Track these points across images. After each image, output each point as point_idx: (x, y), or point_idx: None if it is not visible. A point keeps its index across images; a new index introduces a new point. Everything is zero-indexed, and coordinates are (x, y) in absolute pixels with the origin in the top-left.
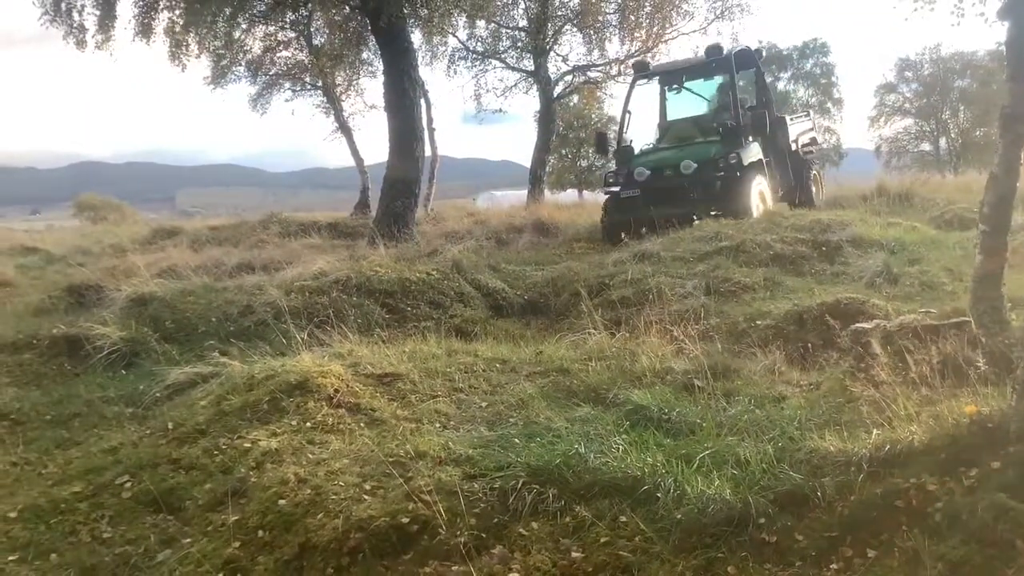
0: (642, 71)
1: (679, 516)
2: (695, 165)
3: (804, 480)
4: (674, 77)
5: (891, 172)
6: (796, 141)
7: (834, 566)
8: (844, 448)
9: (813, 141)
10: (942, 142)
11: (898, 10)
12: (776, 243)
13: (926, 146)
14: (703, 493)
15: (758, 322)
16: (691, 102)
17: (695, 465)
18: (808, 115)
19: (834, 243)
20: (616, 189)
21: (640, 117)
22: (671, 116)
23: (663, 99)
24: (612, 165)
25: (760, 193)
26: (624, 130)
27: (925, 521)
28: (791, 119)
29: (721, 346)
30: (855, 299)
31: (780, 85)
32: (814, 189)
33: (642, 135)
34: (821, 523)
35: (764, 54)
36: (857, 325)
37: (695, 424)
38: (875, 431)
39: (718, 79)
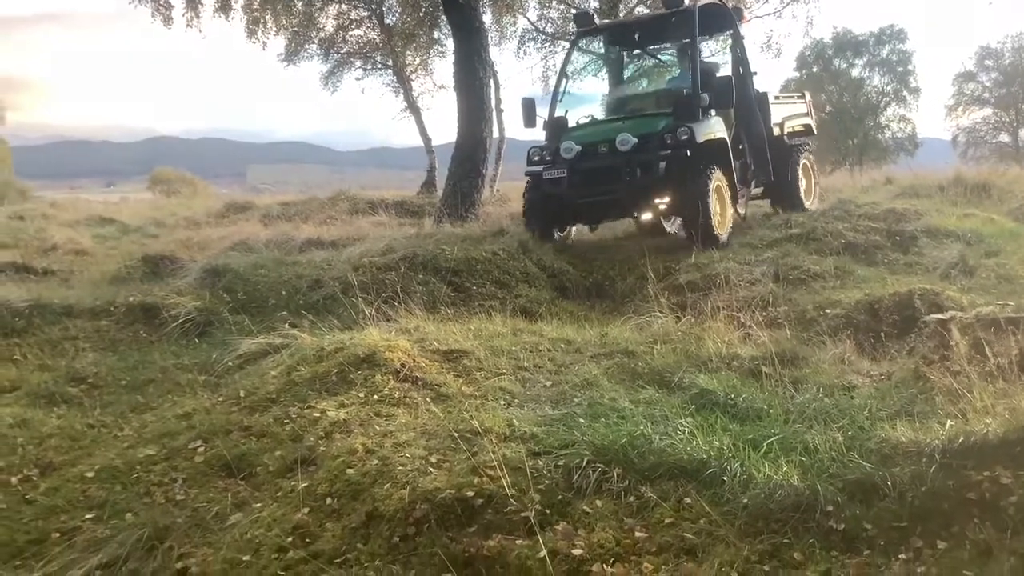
0: (585, 25)
1: (745, 500)
2: (634, 140)
3: (874, 469)
4: (626, 35)
5: (968, 162)
6: (781, 125)
7: (903, 556)
8: (916, 439)
9: (807, 129)
10: (1021, 133)
11: None
12: (848, 231)
13: (1005, 137)
14: (770, 478)
15: (828, 311)
16: (653, 71)
17: (762, 450)
18: (803, 96)
19: (908, 233)
20: (539, 169)
21: None
22: (628, 88)
23: (620, 66)
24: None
25: (717, 187)
26: (559, 98)
27: (998, 514)
28: (778, 98)
29: (789, 333)
30: (929, 290)
31: (855, 72)
32: (802, 183)
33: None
34: (891, 513)
35: (745, 14)
36: (931, 316)
37: (762, 410)
38: (948, 422)
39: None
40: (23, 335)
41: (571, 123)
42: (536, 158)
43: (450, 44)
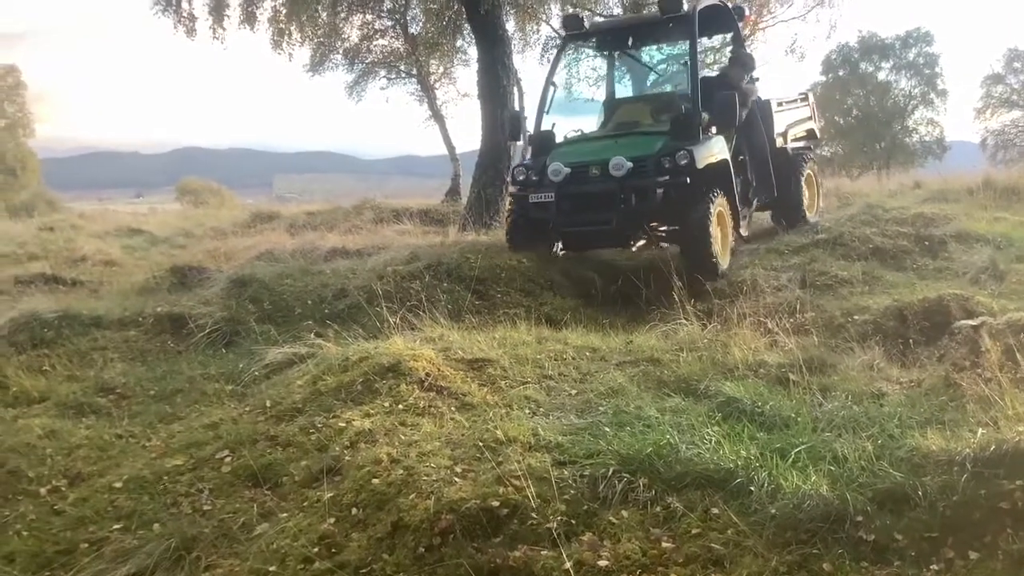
0: (575, 28)
1: (773, 510)
2: (629, 165)
3: (904, 478)
4: (619, 38)
5: (998, 166)
6: (784, 135)
7: (934, 567)
8: (947, 447)
9: (810, 134)
10: None
11: None
12: (876, 236)
13: None
14: (798, 488)
15: (856, 317)
16: (649, 78)
17: (790, 460)
18: (806, 98)
19: (937, 237)
20: (524, 192)
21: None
22: (622, 99)
23: (611, 69)
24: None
25: (719, 213)
26: (546, 109)
27: None
28: (781, 105)
29: (817, 340)
30: (959, 295)
31: (881, 75)
32: (805, 194)
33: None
34: (921, 523)
35: (747, 11)
36: (962, 322)
37: (790, 418)
38: (980, 430)
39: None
40: (52, 346)
41: (560, 136)
42: (521, 177)
43: (473, 52)
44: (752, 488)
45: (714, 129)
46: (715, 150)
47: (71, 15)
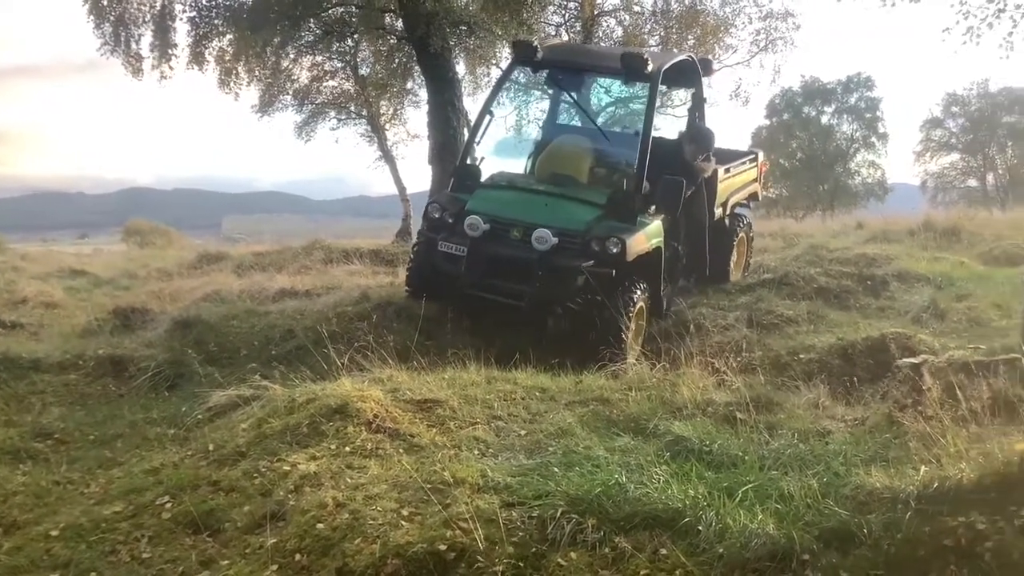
0: (526, 55)
1: (721, 550)
2: (554, 241)
3: (850, 516)
4: (573, 75)
5: (937, 207)
6: (725, 204)
7: None
8: (891, 485)
9: (752, 197)
10: (989, 178)
11: (947, 43)
12: (820, 276)
13: (973, 182)
14: (746, 527)
15: (801, 355)
16: (597, 113)
17: (737, 498)
18: (755, 158)
19: (879, 277)
20: (435, 236)
21: None
22: (561, 144)
23: (555, 104)
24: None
25: (640, 308)
26: (478, 139)
27: (974, 561)
28: (729, 171)
29: (763, 379)
30: (901, 334)
31: (824, 119)
32: (733, 259)
33: None
34: (867, 561)
35: (715, 67)
36: (903, 360)
37: (737, 457)
38: (923, 468)
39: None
40: None
41: (494, 167)
42: (436, 215)
43: (424, 94)
44: (700, 528)
45: (653, 208)
46: (650, 236)
47: (17, 56)
